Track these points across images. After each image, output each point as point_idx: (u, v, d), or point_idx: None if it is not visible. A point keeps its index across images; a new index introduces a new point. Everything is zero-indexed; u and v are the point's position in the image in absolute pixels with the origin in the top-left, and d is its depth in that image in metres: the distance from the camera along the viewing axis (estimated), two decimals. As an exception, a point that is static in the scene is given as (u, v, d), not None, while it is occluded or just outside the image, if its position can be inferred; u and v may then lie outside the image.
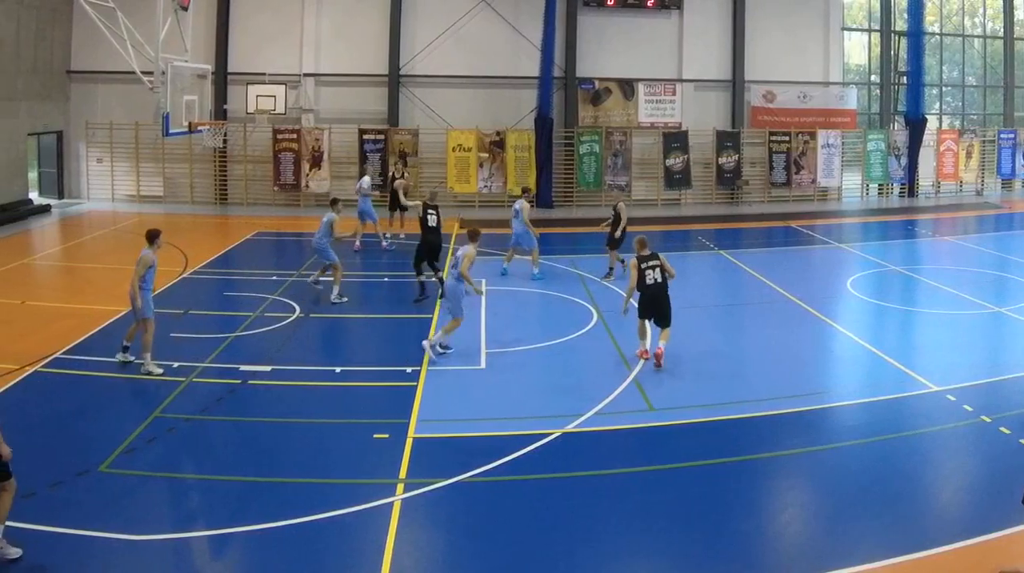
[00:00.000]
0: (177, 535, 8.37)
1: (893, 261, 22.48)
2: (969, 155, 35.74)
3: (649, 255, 13.61)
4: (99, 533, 8.18)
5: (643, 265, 13.45)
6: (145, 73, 20.59)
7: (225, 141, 29.25)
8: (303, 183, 30.58)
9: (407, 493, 9.22)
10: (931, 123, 35.26)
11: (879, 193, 35.99)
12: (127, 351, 13.21)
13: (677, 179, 32.06)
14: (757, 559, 8.14)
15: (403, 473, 9.73)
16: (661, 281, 13.46)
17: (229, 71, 31.06)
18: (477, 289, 14.82)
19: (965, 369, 13.34)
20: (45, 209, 28.57)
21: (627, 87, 32.64)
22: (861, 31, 37.15)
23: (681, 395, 12.57)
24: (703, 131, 32.67)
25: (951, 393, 12.27)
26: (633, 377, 12.98)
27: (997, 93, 38.99)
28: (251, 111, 30.06)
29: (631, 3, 32.44)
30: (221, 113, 30.18)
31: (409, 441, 10.57)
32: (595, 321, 16.14)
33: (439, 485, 9.40)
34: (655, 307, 13.45)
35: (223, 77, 30.74)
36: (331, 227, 17.43)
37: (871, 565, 7.86)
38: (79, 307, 16.62)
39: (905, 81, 34.85)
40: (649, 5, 32.45)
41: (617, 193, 22.49)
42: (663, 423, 11.45)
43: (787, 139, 33.13)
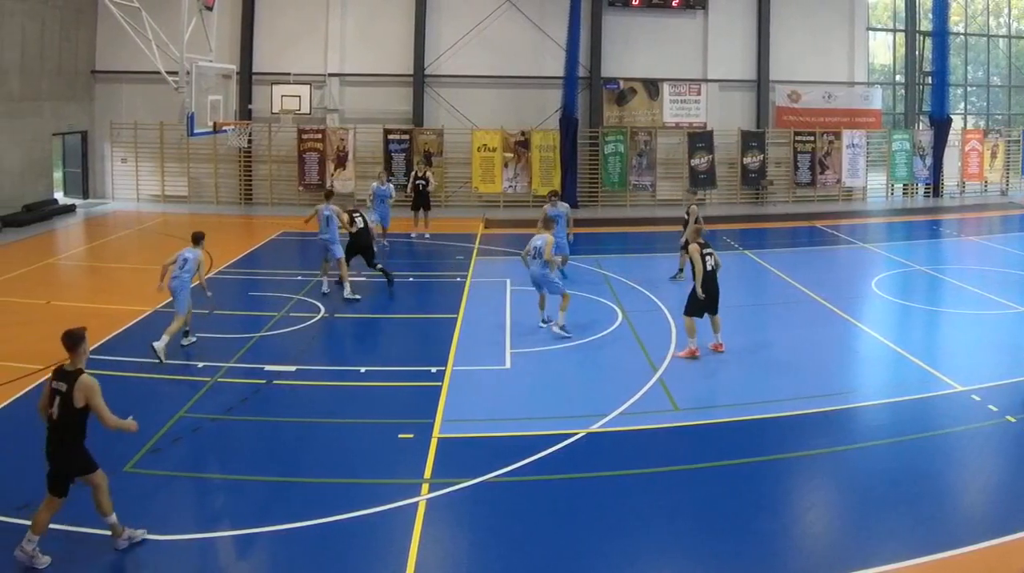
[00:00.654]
0: (202, 535, 8.41)
1: (918, 261, 22.30)
2: (994, 155, 35.34)
3: (705, 243, 14.28)
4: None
5: (704, 250, 14.02)
6: (170, 73, 20.66)
7: (250, 141, 29.44)
8: (328, 183, 30.65)
9: (432, 493, 9.23)
10: (956, 123, 34.87)
11: (904, 193, 35.67)
12: (189, 334, 14.27)
13: (702, 179, 31.89)
14: (782, 559, 8.11)
15: (428, 473, 9.74)
16: (716, 268, 14.08)
17: (254, 71, 31.17)
18: (560, 266, 17.24)
19: (990, 369, 13.23)
20: (70, 209, 28.82)
21: (652, 87, 32.49)
22: (886, 31, 36.80)
23: (706, 395, 12.58)
24: (728, 131, 32.49)
25: (976, 393, 12.17)
26: (658, 377, 12.96)
27: (1022, 93, 38.63)
28: (276, 111, 30.18)
29: (656, 3, 32.28)
30: (246, 113, 30.31)
31: (434, 441, 10.58)
32: (620, 321, 16.12)
33: (464, 485, 9.41)
34: (709, 294, 13.82)
35: (248, 77, 30.87)
36: (334, 220, 17.53)
37: (896, 565, 7.82)
38: (104, 307, 16.73)
39: (930, 81, 34.48)
40: (674, 5, 32.29)
41: (690, 195, 22.46)
42: (688, 423, 11.43)
43: (812, 139, 32.88)
